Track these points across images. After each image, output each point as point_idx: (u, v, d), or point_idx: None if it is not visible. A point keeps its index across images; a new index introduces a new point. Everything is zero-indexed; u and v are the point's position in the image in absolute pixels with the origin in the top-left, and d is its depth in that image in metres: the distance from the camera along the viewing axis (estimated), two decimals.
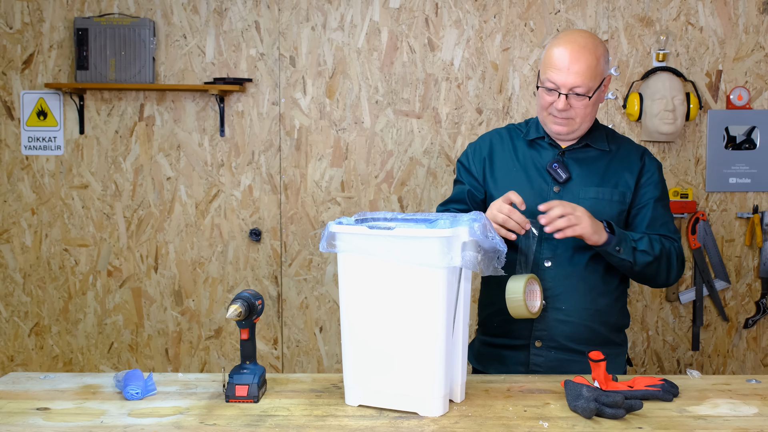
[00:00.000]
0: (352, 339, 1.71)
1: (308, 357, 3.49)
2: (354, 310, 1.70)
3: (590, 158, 2.07)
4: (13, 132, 3.47)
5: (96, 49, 3.33)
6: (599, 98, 2.01)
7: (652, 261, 1.96)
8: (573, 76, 1.93)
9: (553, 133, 2.05)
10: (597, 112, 2.06)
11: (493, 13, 3.36)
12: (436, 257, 1.58)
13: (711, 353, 3.45)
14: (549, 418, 1.61)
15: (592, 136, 2.08)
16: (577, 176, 2.04)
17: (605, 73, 2.00)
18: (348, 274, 1.69)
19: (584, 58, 1.93)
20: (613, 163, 2.07)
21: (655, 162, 2.11)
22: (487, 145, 2.14)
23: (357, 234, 1.65)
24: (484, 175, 2.12)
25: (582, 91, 1.94)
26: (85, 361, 3.51)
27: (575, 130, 2.02)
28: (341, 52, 3.39)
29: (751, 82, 3.36)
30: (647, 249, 1.94)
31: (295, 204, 3.44)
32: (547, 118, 2.03)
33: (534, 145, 2.10)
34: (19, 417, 1.64)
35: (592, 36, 1.99)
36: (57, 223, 3.47)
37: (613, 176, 2.05)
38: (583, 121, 2.00)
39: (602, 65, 1.97)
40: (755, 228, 3.37)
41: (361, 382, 1.71)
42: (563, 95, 1.95)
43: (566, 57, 1.94)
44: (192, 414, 1.66)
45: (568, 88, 1.94)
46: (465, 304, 1.72)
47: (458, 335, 1.70)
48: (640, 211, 2.05)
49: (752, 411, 1.65)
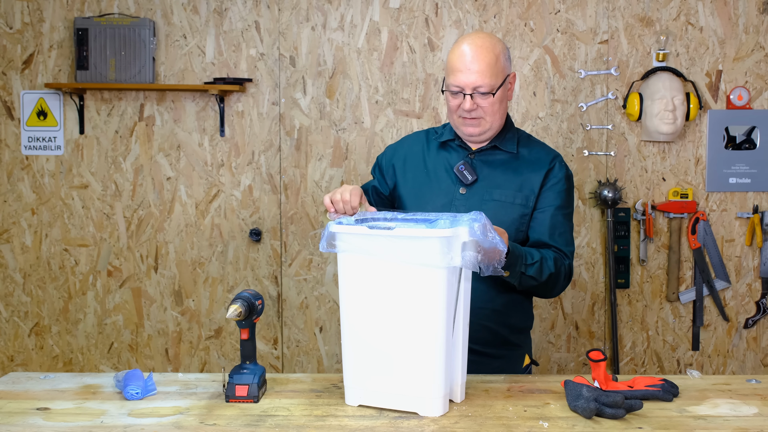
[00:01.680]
0: (352, 339, 1.71)
1: (308, 357, 3.49)
2: (354, 310, 1.70)
3: (498, 161, 2.09)
4: (13, 132, 3.47)
5: (96, 49, 3.33)
6: (505, 96, 2.05)
7: (536, 285, 1.95)
8: (474, 75, 1.97)
9: (466, 135, 2.08)
10: (506, 110, 2.08)
11: (493, 13, 3.36)
12: (437, 257, 1.58)
13: (711, 353, 3.45)
14: (549, 418, 1.61)
15: (502, 138, 2.10)
16: (484, 178, 2.07)
17: (507, 71, 2.03)
18: (348, 274, 1.70)
19: (483, 57, 1.97)
20: (521, 167, 2.08)
21: (564, 170, 2.11)
22: (403, 147, 2.21)
23: (357, 234, 1.65)
24: (395, 175, 2.17)
25: (485, 89, 1.98)
26: (85, 361, 3.51)
27: (487, 129, 2.05)
28: (341, 52, 3.39)
29: (751, 82, 3.36)
30: (535, 275, 1.91)
31: (295, 204, 3.44)
32: (457, 121, 2.06)
33: (446, 148, 2.14)
34: (19, 417, 1.64)
35: (490, 36, 2.03)
36: (57, 223, 3.47)
37: (518, 179, 2.06)
38: (492, 119, 2.03)
39: (503, 62, 2.01)
40: (755, 228, 3.37)
41: (361, 383, 1.71)
42: (468, 96, 1.99)
43: (466, 58, 1.98)
44: (192, 414, 1.66)
45: (472, 88, 1.98)
46: (465, 304, 1.72)
47: (458, 335, 1.70)
48: (538, 216, 2.05)
49: (752, 411, 1.65)
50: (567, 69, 3.37)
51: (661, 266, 3.41)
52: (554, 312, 3.43)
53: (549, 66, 3.36)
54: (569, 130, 3.37)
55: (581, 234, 3.40)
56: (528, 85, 3.37)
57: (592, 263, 3.41)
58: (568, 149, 3.38)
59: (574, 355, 3.44)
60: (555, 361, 3.44)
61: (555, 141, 3.36)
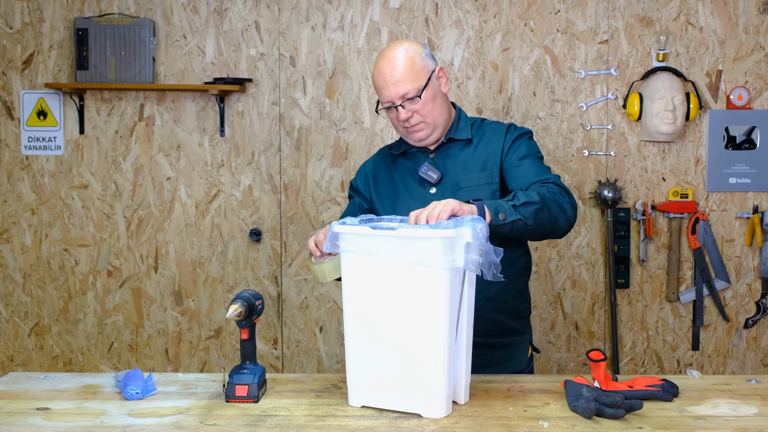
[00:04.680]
0: (355, 340, 1.71)
1: (308, 357, 3.49)
2: (357, 310, 1.70)
3: (457, 151, 2.10)
4: (13, 132, 3.47)
5: (96, 49, 3.33)
6: (437, 91, 2.05)
7: (540, 208, 1.84)
8: (395, 86, 1.99)
9: (416, 142, 2.09)
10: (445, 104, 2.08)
11: (493, 13, 3.36)
12: (439, 258, 1.58)
13: (711, 353, 3.45)
14: (549, 418, 1.61)
15: (456, 129, 2.11)
16: (449, 171, 2.08)
17: (430, 68, 2.03)
18: (351, 274, 1.69)
19: (398, 67, 1.99)
20: (479, 148, 2.09)
21: (519, 131, 2.10)
22: (371, 166, 2.22)
23: (360, 234, 1.65)
24: (370, 193, 2.19)
25: (412, 94, 2.00)
26: (85, 361, 3.51)
27: (432, 130, 2.06)
28: (341, 52, 3.39)
29: (751, 82, 3.36)
30: (527, 200, 1.83)
31: (295, 204, 3.44)
32: (402, 132, 2.08)
33: (407, 156, 2.15)
34: (19, 417, 1.64)
35: (401, 43, 2.04)
36: (57, 223, 3.47)
37: (480, 160, 2.07)
38: (434, 118, 2.04)
39: (420, 62, 2.01)
40: (755, 228, 3.37)
41: (364, 384, 1.70)
42: (400, 107, 2.00)
43: (384, 73, 2.00)
44: (192, 414, 1.66)
45: (399, 98, 2.00)
46: (469, 306, 1.72)
47: (462, 337, 1.70)
48: (509, 175, 2.04)
49: (752, 411, 1.65)
50: (567, 69, 3.37)
51: (661, 266, 3.41)
52: (554, 312, 3.43)
53: (549, 66, 3.36)
54: (569, 130, 3.37)
55: (581, 234, 3.40)
56: (528, 85, 3.37)
57: (592, 263, 3.41)
58: (568, 149, 3.38)
59: (574, 355, 3.44)
60: (555, 361, 3.44)
61: (555, 141, 3.37)
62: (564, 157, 3.38)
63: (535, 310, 3.41)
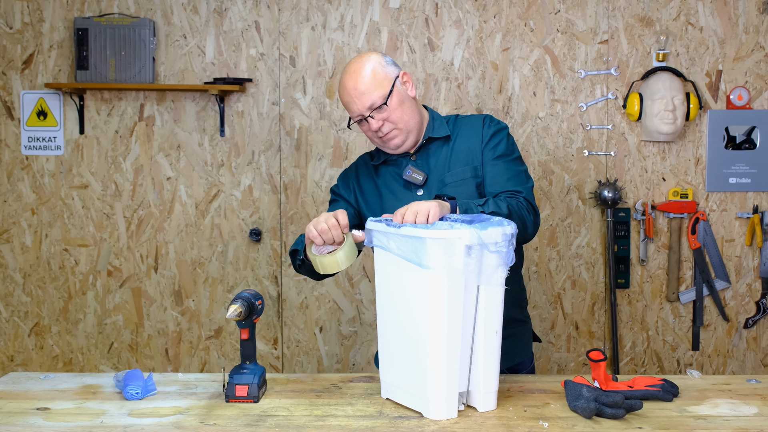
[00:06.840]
0: (384, 334, 1.78)
1: (308, 357, 3.49)
2: (384, 304, 1.77)
3: (437, 149, 2.10)
4: (13, 132, 3.47)
5: (96, 49, 3.33)
6: (404, 96, 2.05)
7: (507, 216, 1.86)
8: (360, 99, 2.00)
9: (392, 150, 2.08)
10: (415, 107, 2.07)
11: (493, 13, 3.36)
12: (431, 258, 1.58)
13: (711, 353, 3.45)
14: (549, 418, 1.61)
15: (432, 128, 2.11)
16: (433, 171, 2.08)
17: (392, 74, 2.04)
18: (379, 269, 1.76)
19: (358, 77, 2.00)
20: (458, 143, 2.09)
21: (495, 126, 2.10)
22: (353, 172, 2.22)
23: (378, 231, 1.71)
24: (356, 198, 2.18)
25: (378, 102, 2.00)
26: (85, 361, 3.51)
27: (407, 136, 2.05)
28: (341, 52, 3.40)
29: (751, 82, 3.36)
30: (495, 210, 1.85)
31: (295, 204, 3.44)
32: (378, 143, 2.09)
33: (388, 163, 2.15)
34: (19, 417, 1.64)
35: (360, 56, 2.06)
36: (57, 223, 3.47)
37: (462, 154, 2.07)
38: (406, 124, 2.04)
39: (381, 71, 2.02)
40: (755, 228, 3.37)
41: (387, 377, 1.77)
42: (369, 117, 2.01)
43: (347, 89, 2.02)
44: (192, 414, 1.66)
45: (367, 110, 2.01)
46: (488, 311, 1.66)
47: (479, 343, 1.66)
48: (485, 174, 2.04)
49: (752, 411, 1.65)
50: (567, 69, 3.37)
51: (661, 266, 3.41)
52: (554, 312, 3.43)
53: (549, 66, 3.36)
54: (569, 130, 3.37)
55: (581, 234, 3.40)
56: (528, 85, 3.37)
57: (592, 263, 3.41)
58: (568, 149, 3.38)
59: (574, 355, 3.44)
60: (555, 361, 3.44)
61: (555, 141, 3.37)
62: (564, 157, 3.38)
63: (535, 310, 3.41)
